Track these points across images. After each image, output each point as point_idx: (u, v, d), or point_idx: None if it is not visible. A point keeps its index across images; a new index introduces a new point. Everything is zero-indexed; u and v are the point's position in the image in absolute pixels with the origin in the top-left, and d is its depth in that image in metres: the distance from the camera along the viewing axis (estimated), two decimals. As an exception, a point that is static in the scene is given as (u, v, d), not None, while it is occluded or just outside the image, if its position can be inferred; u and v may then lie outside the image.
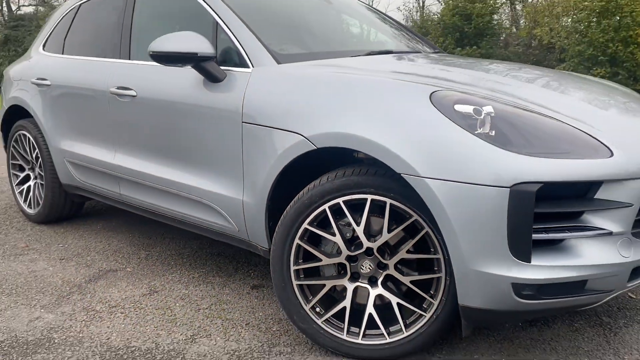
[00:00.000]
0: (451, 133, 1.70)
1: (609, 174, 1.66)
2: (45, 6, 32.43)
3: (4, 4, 34.28)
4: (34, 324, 2.32)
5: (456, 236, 1.68)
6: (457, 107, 1.74)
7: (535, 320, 2.30)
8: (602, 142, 1.71)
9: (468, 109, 1.73)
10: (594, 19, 15.12)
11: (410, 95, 1.82)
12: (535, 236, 1.63)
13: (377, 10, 3.49)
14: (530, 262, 1.63)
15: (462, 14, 17.28)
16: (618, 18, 14.48)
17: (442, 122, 1.72)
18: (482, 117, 1.71)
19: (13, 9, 34.28)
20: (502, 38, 20.77)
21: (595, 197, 1.69)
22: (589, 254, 1.68)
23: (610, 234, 1.69)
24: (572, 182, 1.64)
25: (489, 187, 1.62)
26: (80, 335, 2.23)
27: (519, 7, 25.49)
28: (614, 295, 1.79)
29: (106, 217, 3.88)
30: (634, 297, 2.56)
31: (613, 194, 1.69)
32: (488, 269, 1.66)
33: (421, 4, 31.02)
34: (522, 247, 1.62)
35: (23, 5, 35.21)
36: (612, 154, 1.69)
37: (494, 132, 1.71)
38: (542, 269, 1.64)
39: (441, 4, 18.61)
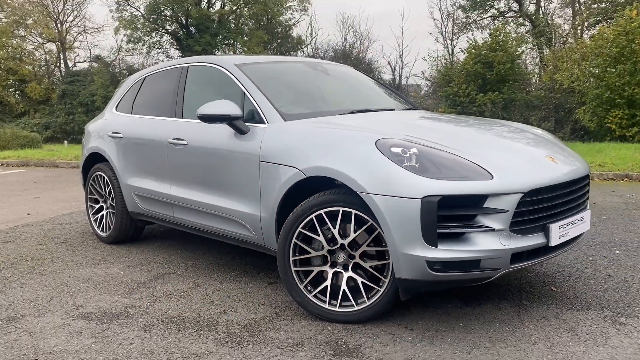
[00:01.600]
0: (388, 166, 2.64)
1: (490, 191, 2.57)
2: (98, 62, 35.04)
3: (62, 61, 37.27)
4: (115, 304, 3.32)
5: (391, 231, 2.60)
6: (392, 149, 2.69)
7: (469, 302, 3.16)
8: (486, 170, 2.62)
9: (399, 150, 2.68)
10: (611, 64, 15.79)
11: (364, 142, 2.79)
12: (441, 230, 2.54)
13: (370, 77, 4.51)
14: (437, 246, 2.53)
15: (484, 62, 18.22)
16: (634, 63, 15.12)
17: (382, 159, 2.67)
18: (408, 155, 2.65)
19: (69, 65, 37.15)
20: (533, 82, 21.54)
21: (484, 205, 2.59)
22: (480, 243, 2.57)
23: (494, 230, 2.57)
24: (464, 195, 2.55)
25: (410, 199, 2.55)
26: (147, 310, 3.21)
27: (546, 51, 26.33)
28: (503, 272, 2.65)
29: (160, 238, 4.93)
30: (555, 289, 3.38)
31: (495, 204, 2.58)
32: (411, 252, 2.56)
33: (450, 52, 32.30)
34: (430, 236, 2.52)
35: (78, 62, 38.14)
36: (492, 177, 2.60)
37: (418, 164, 2.64)
38: (445, 251, 2.54)
39: (464, 53, 19.66)
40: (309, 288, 2.97)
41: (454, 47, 32.35)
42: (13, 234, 5.26)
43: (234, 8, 34.96)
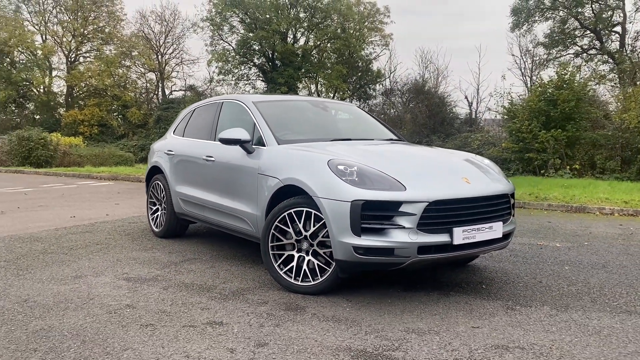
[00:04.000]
0: (332, 178, 3.68)
1: (401, 199, 3.53)
2: (191, 91, 38.16)
3: (160, 89, 40.90)
4: (149, 274, 4.53)
5: (331, 224, 3.62)
6: (338, 167, 3.73)
7: (408, 289, 4.07)
8: (402, 183, 3.59)
9: (343, 167, 3.71)
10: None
11: (320, 161, 3.85)
12: (364, 225, 3.52)
13: (365, 111, 5.56)
14: (360, 236, 3.52)
15: (549, 99, 18.46)
16: None
17: (330, 174, 3.71)
18: (349, 171, 3.68)
19: (166, 93, 40.65)
20: (611, 122, 21.28)
21: (399, 210, 3.55)
22: (394, 236, 3.52)
23: (404, 227, 3.52)
24: (381, 200, 3.52)
25: (343, 202, 3.57)
26: (170, 278, 4.39)
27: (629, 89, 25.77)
28: (412, 260, 3.57)
29: (200, 236, 6.18)
30: (485, 287, 4.21)
31: (407, 209, 3.54)
32: (343, 240, 3.56)
33: (529, 88, 32.21)
34: (355, 229, 3.51)
35: (174, 91, 41.65)
36: (405, 189, 3.56)
37: (357, 178, 3.66)
38: (367, 240, 3.51)
39: (529, 92, 19.94)
40: (281, 267, 4.03)
41: (533, 83, 32.28)
42: (92, 227, 6.74)
43: (317, 43, 36.97)
